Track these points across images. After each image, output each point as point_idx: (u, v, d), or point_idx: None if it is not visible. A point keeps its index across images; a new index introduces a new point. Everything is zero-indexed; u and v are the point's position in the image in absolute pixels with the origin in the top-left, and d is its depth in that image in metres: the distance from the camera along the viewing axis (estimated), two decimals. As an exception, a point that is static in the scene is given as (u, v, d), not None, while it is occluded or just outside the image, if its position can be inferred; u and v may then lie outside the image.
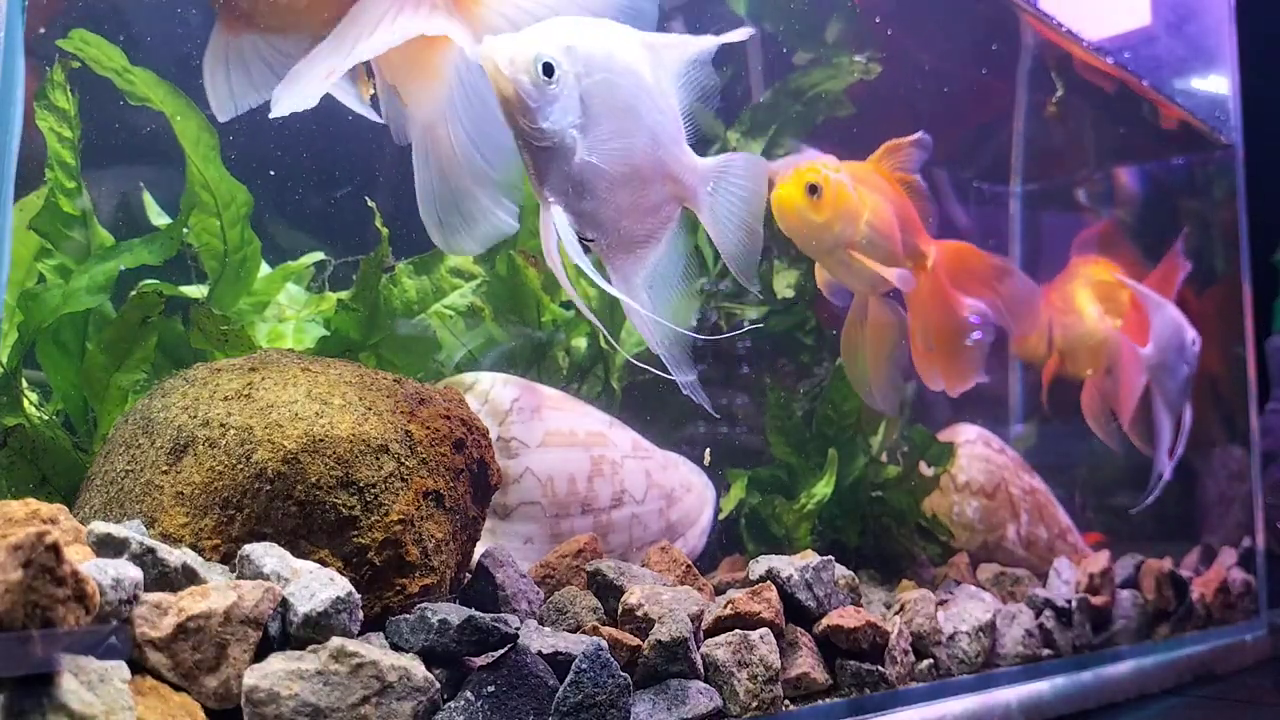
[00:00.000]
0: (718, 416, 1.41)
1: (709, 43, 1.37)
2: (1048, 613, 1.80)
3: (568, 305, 1.80)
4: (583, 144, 1.21)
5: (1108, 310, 2.54)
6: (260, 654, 0.89)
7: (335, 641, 0.89)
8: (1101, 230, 2.77)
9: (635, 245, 1.31)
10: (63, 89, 1.33)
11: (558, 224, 1.20)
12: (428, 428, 1.13)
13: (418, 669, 0.93)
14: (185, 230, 1.40)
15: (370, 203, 1.49)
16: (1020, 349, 2.65)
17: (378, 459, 1.06)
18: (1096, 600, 1.92)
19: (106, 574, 0.82)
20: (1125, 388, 2.40)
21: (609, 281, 1.29)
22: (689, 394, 1.36)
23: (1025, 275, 1.91)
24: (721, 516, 1.81)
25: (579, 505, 1.52)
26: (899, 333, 1.74)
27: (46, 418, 1.34)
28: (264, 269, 1.51)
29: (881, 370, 1.72)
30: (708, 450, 1.68)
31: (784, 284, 1.95)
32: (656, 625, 1.15)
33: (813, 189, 1.58)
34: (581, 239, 1.24)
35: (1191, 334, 2.50)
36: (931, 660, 1.52)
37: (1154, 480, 2.48)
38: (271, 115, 1.27)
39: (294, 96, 1.24)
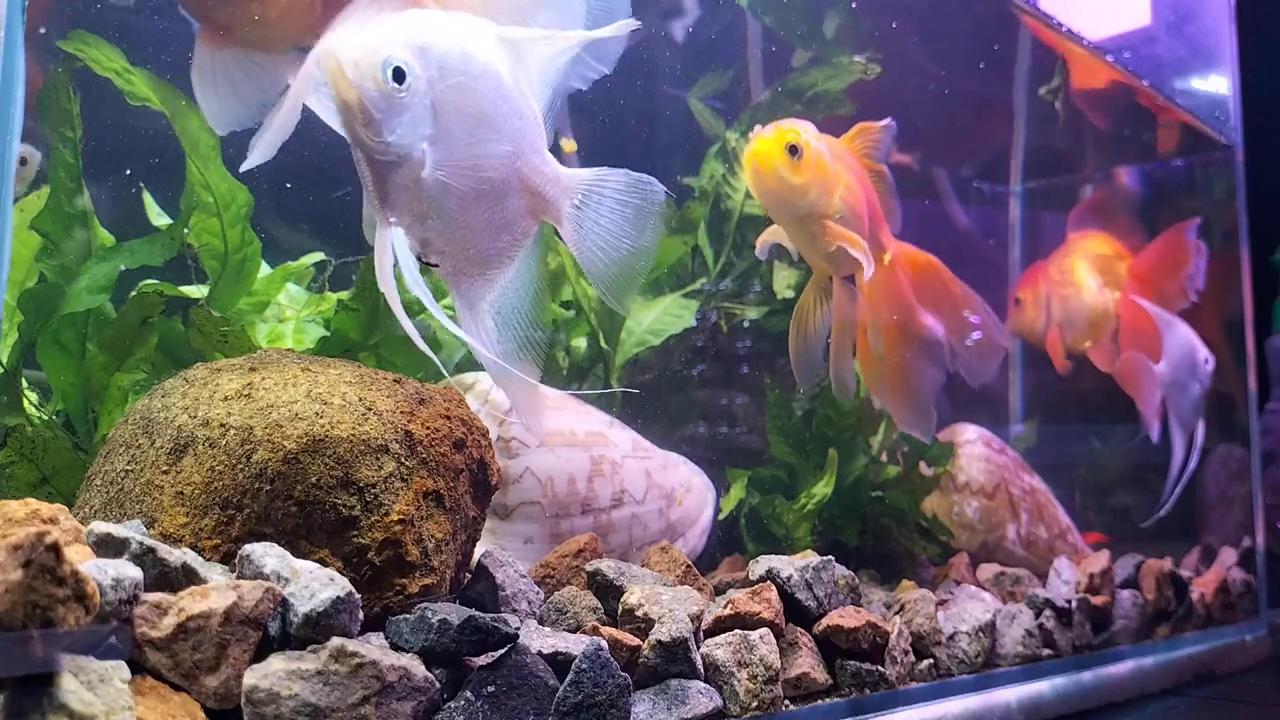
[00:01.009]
0: (543, 477, 1.34)
1: (580, 37, 1.24)
2: (1048, 613, 1.80)
3: (568, 305, 1.80)
4: (432, 157, 1.08)
5: (1107, 283, 2.54)
6: (260, 654, 0.89)
7: (335, 641, 0.89)
8: (1095, 201, 2.76)
9: (485, 266, 1.18)
10: (65, 89, 1.33)
11: (396, 247, 1.08)
12: (428, 428, 1.13)
13: (418, 669, 0.93)
14: (185, 230, 1.40)
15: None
16: (1016, 324, 2.63)
17: (378, 459, 1.06)
18: (1096, 600, 1.92)
19: (106, 574, 0.82)
20: (1142, 404, 2.41)
21: (451, 310, 1.16)
22: (523, 428, 1.26)
23: (993, 315, 1.79)
24: (721, 516, 1.81)
25: (579, 505, 1.52)
26: (855, 320, 1.66)
27: (46, 418, 1.34)
28: (264, 269, 1.52)
29: (842, 355, 1.63)
30: (679, 496, 1.63)
31: (784, 284, 1.95)
32: (656, 625, 1.15)
33: (793, 149, 1.50)
34: (424, 262, 1.12)
35: (1204, 353, 2.51)
36: (931, 660, 1.52)
37: (1167, 494, 2.49)
38: (244, 169, 1.26)
39: (262, 148, 1.22)
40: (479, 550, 1.24)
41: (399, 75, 1.03)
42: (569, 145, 1.81)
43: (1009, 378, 2.86)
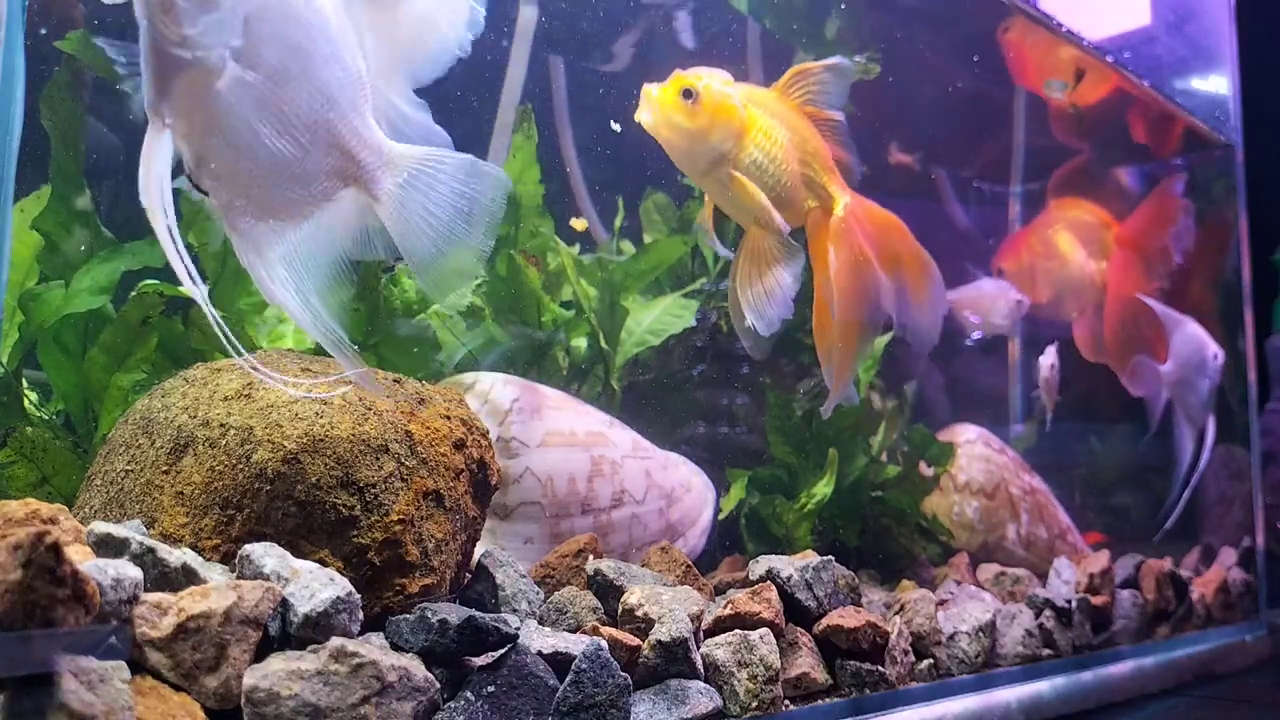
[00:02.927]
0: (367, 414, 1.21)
1: (448, 5, 1.13)
2: (1048, 613, 1.80)
3: (568, 305, 1.80)
4: (233, 72, 0.97)
5: (1091, 253, 2.50)
6: (260, 654, 0.89)
7: (335, 641, 0.89)
8: (1075, 167, 2.72)
9: (268, 213, 1.06)
10: (68, 88, 1.33)
11: (158, 153, 0.95)
12: (428, 428, 1.13)
13: (418, 669, 0.93)
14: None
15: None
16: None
17: (378, 459, 1.06)
18: (1096, 600, 1.93)
19: (106, 574, 0.82)
20: (1149, 403, 2.39)
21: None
22: (361, 385, 1.13)
23: (941, 283, 1.65)
24: (721, 516, 1.81)
25: (579, 505, 1.52)
26: (783, 274, 1.48)
27: (46, 418, 1.35)
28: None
29: (742, 304, 1.49)
30: (591, 557, 1.55)
31: (784, 284, 1.95)
32: (656, 625, 1.15)
33: (687, 93, 1.40)
34: (195, 185, 1.00)
35: (1213, 349, 2.49)
36: (931, 660, 1.52)
37: (1176, 494, 2.48)
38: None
39: None
40: (479, 550, 1.24)
41: None
42: (579, 224, 1.80)
43: (1009, 377, 2.86)
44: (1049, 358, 2.44)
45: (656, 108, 1.40)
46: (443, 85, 1.22)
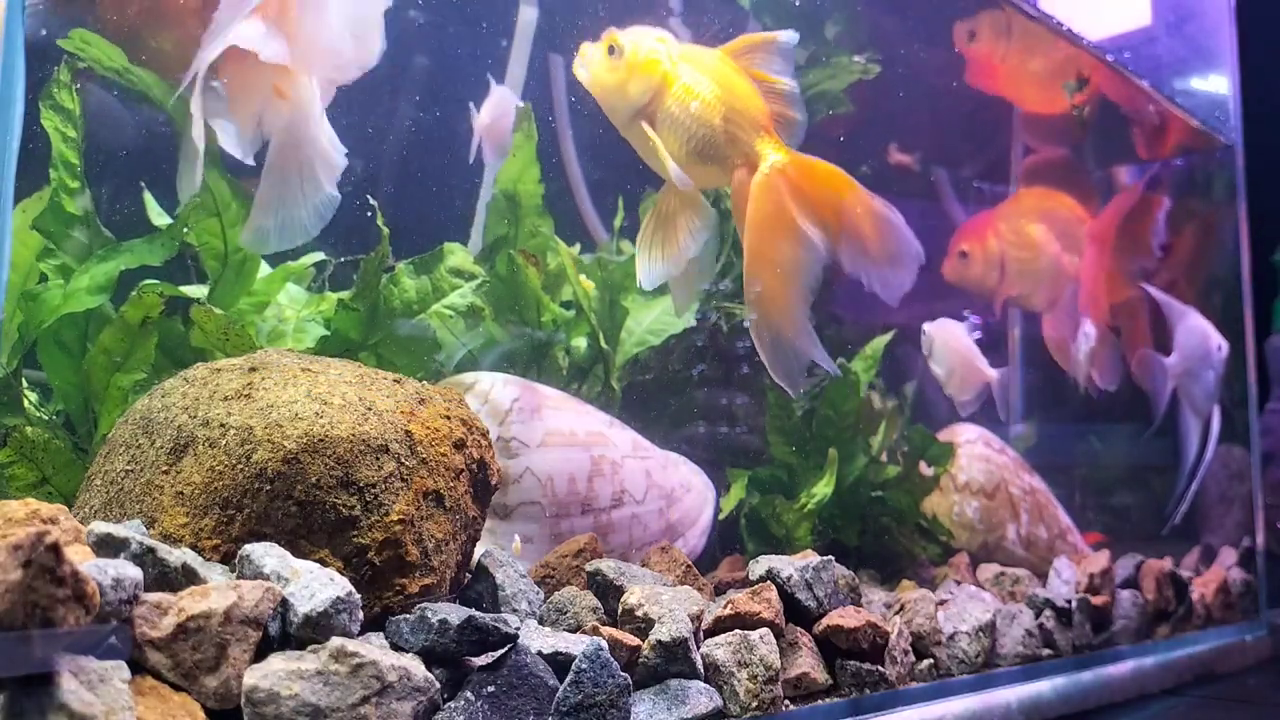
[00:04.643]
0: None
1: None
2: (1048, 613, 1.80)
3: (568, 305, 1.80)
4: None
5: (1066, 247, 2.42)
6: (260, 654, 0.89)
7: (335, 641, 0.89)
8: (1052, 159, 2.67)
9: None
10: (68, 88, 1.33)
11: None
12: (428, 428, 1.13)
13: (418, 669, 0.93)
14: (185, 230, 1.40)
15: (371, 202, 1.49)
16: (960, 278, 2.41)
17: (378, 459, 1.06)
18: (1096, 600, 1.93)
19: (106, 574, 0.82)
20: (1154, 396, 2.38)
21: None
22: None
23: (909, 232, 1.56)
24: (721, 516, 1.81)
25: (579, 505, 1.52)
26: (684, 236, 1.48)
27: (46, 418, 1.35)
28: (264, 269, 1.52)
29: (666, 263, 1.48)
30: (516, 539, 1.51)
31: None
32: (656, 625, 1.15)
33: (611, 49, 1.44)
34: None
35: (1217, 340, 2.48)
36: (931, 660, 1.52)
37: (1182, 486, 2.47)
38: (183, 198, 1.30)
39: (188, 180, 1.25)
40: (479, 550, 1.24)
41: None
42: (588, 284, 1.80)
43: (1009, 376, 2.85)
44: (941, 362, 2.12)
45: (586, 64, 1.44)
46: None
